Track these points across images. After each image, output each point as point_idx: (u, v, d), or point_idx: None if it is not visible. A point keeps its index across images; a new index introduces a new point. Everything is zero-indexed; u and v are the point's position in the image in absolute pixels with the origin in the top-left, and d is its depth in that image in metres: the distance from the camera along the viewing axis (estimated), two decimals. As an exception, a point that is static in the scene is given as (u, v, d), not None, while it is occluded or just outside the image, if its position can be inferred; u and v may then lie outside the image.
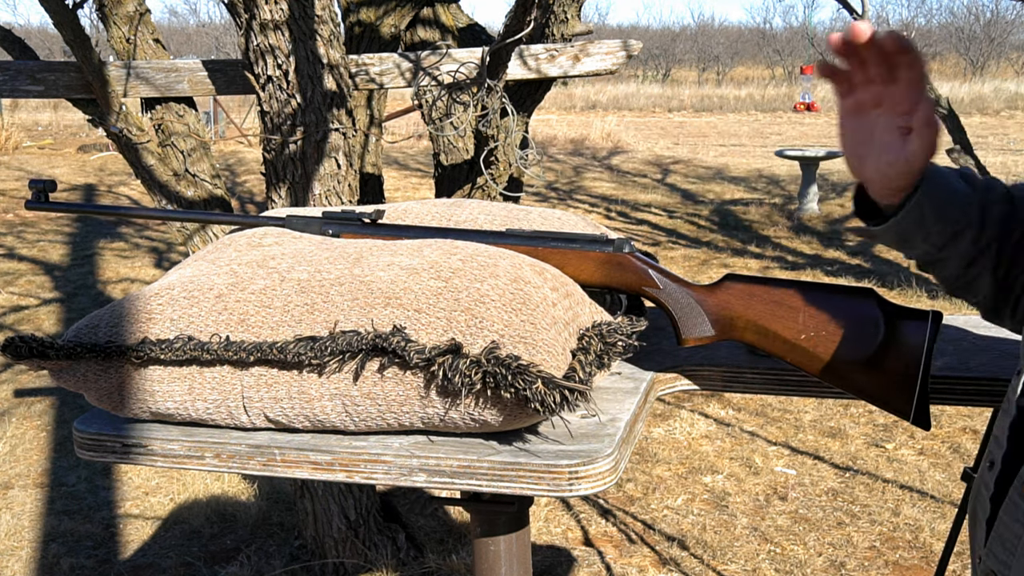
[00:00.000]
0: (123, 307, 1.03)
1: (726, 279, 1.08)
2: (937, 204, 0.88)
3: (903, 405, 1.01)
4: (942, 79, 23.30)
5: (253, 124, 13.63)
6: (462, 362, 0.89)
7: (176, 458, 1.01)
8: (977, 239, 0.90)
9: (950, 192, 0.89)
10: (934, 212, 0.88)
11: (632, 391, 1.08)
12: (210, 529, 3.11)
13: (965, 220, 0.90)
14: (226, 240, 1.17)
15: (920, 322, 1.00)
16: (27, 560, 2.94)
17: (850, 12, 4.16)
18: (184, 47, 29.75)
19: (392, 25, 2.99)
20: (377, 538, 2.76)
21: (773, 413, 4.01)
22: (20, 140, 12.98)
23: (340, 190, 2.33)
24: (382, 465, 0.94)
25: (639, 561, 2.84)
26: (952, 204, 0.89)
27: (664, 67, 32.43)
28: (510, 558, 1.08)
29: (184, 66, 2.59)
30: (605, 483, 0.90)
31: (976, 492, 0.83)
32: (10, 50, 2.67)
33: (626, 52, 2.60)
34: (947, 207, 0.89)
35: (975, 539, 0.83)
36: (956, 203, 0.90)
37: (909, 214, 0.89)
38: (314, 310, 0.97)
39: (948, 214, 0.89)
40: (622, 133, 14.46)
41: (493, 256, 1.01)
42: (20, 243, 7.46)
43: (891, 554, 2.86)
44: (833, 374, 1.03)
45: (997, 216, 0.90)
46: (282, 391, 0.96)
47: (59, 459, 3.67)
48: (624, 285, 1.09)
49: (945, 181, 0.89)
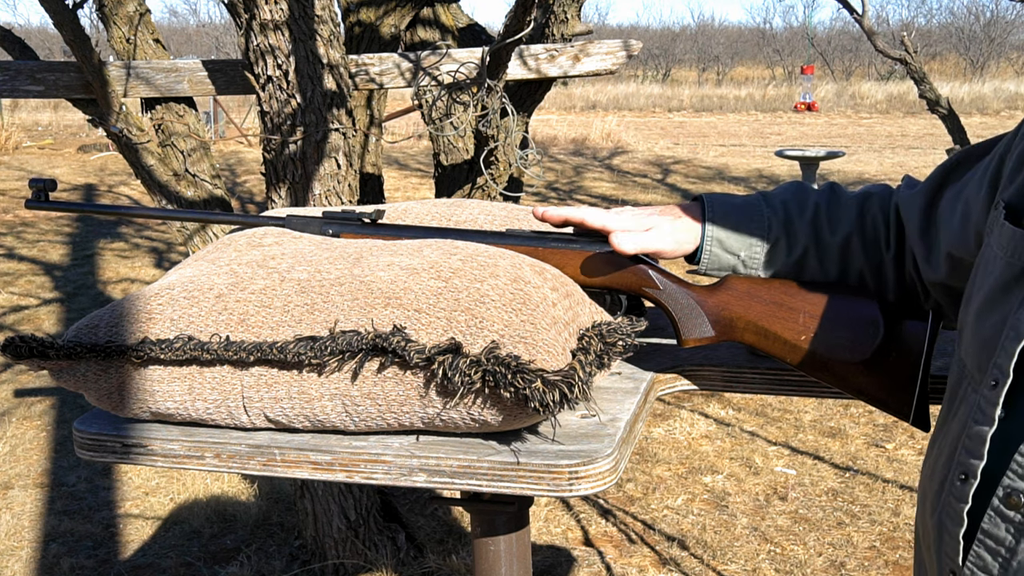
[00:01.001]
0: (123, 307, 1.03)
1: (726, 280, 1.08)
2: (731, 233, 1.07)
3: (903, 406, 1.01)
4: (942, 79, 23.30)
5: (253, 124, 13.62)
6: (462, 361, 0.89)
7: (176, 458, 1.01)
8: (790, 251, 1.06)
9: (739, 219, 1.07)
10: (734, 241, 1.07)
11: (632, 391, 1.08)
12: (210, 529, 3.11)
13: (770, 236, 1.07)
14: (226, 240, 1.17)
15: (920, 323, 1.00)
16: (27, 560, 2.94)
17: (850, 12, 4.16)
18: (184, 47, 29.74)
19: (392, 25, 2.99)
20: (377, 538, 2.76)
21: (773, 413, 4.01)
22: (20, 140, 12.98)
23: (340, 190, 2.33)
24: (382, 465, 0.94)
25: (639, 561, 2.84)
26: (746, 227, 1.07)
27: (664, 67, 32.43)
28: (510, 558, 1.08)
29: (184, 66, 2.59)
30: (605, 483, 0.90)
31: (942, 507, 0.81)
32: (10, 50, 2.67)
33: (626, 52, 2.60)
34: (741, 231, 1.07)
35: (943, 556, 0.80)
36: (752, 225, 1.07)
37: (710, 249, 1.08)
38: (314, 310, 0.97)
39: (750, 239, 1.07)
40: (622, 133, 14.46)
41: (493, 256, 1.01)
42: (20, 243, 7.46)
43: (891, 554, 2.86)
44: (833, 375, 1.03)
45: (813, 222, 1.07)
46: (282, 391, 0.96)
47: (59, 459, 3.67)
48: (624, 286, 1.09)
49: (733, 214, 1.08)
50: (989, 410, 0.77)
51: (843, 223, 1.06)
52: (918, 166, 11.41)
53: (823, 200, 1.08)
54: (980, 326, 0.81)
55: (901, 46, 4.14)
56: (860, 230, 1.06)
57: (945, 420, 0.87)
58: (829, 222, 1.07)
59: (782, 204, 1.08)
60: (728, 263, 1.09)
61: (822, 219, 1.07)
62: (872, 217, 1.06)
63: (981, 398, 0.78)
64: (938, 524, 0.81)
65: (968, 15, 31.96)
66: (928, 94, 4.03)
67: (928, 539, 0.85)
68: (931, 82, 3.98)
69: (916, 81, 4.09)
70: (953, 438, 0.81)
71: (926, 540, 0.86)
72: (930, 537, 0.83)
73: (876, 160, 12.11)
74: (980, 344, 0.80)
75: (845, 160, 11.06)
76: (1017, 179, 0.83)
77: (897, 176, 10.22)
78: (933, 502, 0.83)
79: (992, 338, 0.78)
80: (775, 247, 1.07)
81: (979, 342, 0.80)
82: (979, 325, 0.81)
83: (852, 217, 1.06)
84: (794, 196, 1.09)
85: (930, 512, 0.84)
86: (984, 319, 0.80)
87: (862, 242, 1.06)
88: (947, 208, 0.97)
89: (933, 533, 0.82)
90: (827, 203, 1.08)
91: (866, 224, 1.06)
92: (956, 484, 0.79)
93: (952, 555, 0.79)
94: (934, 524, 0.82)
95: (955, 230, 0.94)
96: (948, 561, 0.79)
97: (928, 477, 0.86)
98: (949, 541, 0.79)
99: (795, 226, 1.07)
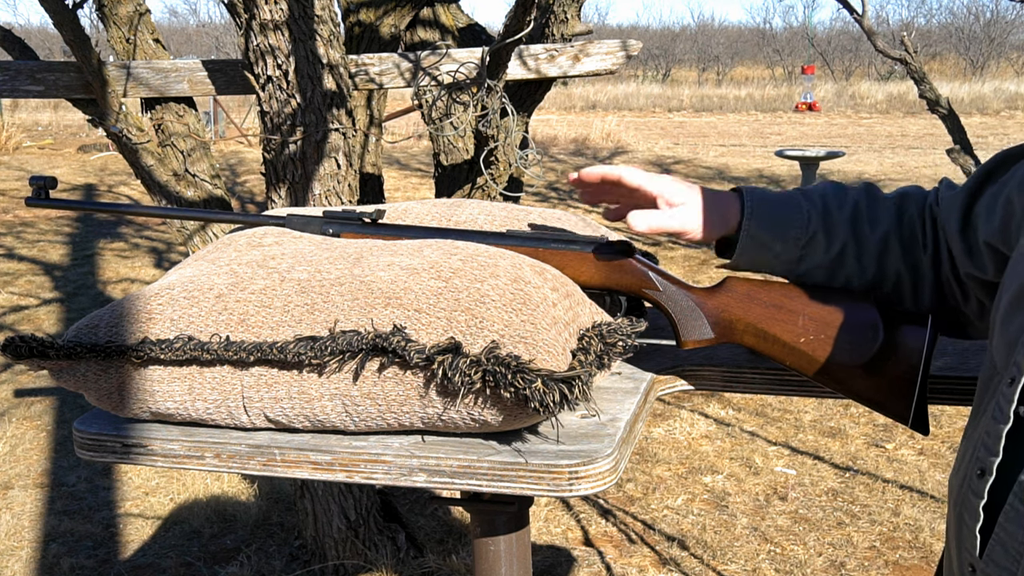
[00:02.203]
0: (123, 307, 1.03)
1: (726, 282, 1.08)
2: (769, 227, 1.04)
3: (902, 410, 1.01)
4: (942, 79, 23.30)
5: (253, 124, 13.62)
6: (462, 361, 0.89)
7: (176, 458, 1.01)
8: (828, 248, 1.04)
9: (781, 214, 1.04)
10: (771, 235, 1.04)
11: (632, 391, 1.08)
12: (210, 529, 3.11)
13: (808, 230, 1.04)
14: (226, 240, 1.17)
15: (919, 326, 1.00)
16: (27, 560, 2.94)
17: (850, 12, 4.16)
18: (184, 47, 29.73)
19: (392, 25, 2.99)
20: (377, 538, 2.76)
21: (773, 413, 4.01)
22: (20, 140, 12.96)
23: (340, 190, 2.33)
24: (382, 465, 0.94)
25: (639, 561, 2.84)
26: (786, 224, 1.04)
27: (664, 67, 32.42)
28: (510, 558, 1.08)
29: (184, 66, 2.59)
30: (605, 483, 0.90)
31: (961, 501, 0.82)
32: (10, 50, 2.67)
33: (626, 52, 2.60)
34: (782, 227, 1.04)
35: (962, 549, 0.82)
36: (791, 222, 1.04)
37: (746, 243, 1.05)
38: (314, 310, 0.97)
39: (787, 233, 1.04)
40: (622, 133, 14.46)
41: (493, 256, 1.01)
42: (20, 243, 7.46)
43: (891, 554, 2.86)
44: (832, 378, 1.03)
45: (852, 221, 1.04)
46: (282, 391, 0.96)
47: (59, 459, 3.67)
48: (624, 287, 1.09)
49: (772, 207, 1.05)
50: (1006, 407, 0.77)
51: (882, 221, 1.05)
52: (918, 166, 11.41)
53: (862, 197, 1.06)
54: (1007, 325, 0.81)
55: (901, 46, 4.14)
56: (898, 229, 1.04)
57: (975, 416, 0.88)
58: (869, 220, 1.05)
59: (821, 199, 1.06)
60: (763, 259, 1.06)
61: (862, 216, 1.05)
62: (910, 216, 1.05)
63: (1000, 395, 0.79)
64: (958, 518, 0.83)
65: (968, 15, 31.96)
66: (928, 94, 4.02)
67: (951, 531, 0.86)
68: (931, 82, 3.98)
69: (916, 81, 4.09)
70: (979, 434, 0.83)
71: (949, 532, 0.87)
72: (953, 528, 0.85)
73: (876, 160, 12.11)
74: (1007, 343, 0.81)
75: (845, 160, 11.06)
76: None
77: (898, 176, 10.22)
78: (956, 496, 0.84)
79: (1016, 337, 0.79)
80: (812, 242, 1.04)
81: (1006, 341, 0.81)
82: (1006, 324, 0.82)
83: (891, 215, 1.05)
84: (833, 192, 1.07)
85: (953, 505, 0.85)
86: (1011, 318, 0.81)
87: (900, 241, 1.04)
88: (986, 206, 0.96)
89: (955, 526, 0.84)
90: (867, 200, 1.06)
91: (903, 223, 1.05)
92: (973, 479, 0.80)
93: (970, 548, 0.80)
94: (955, 517, 0.84)
95: (995, 227, 0.93)
96: (967, 555, 0.81)
97: (955, 472, 0.87)
98: (967, 535, 0.80)
99: (834, 221, 1.04)
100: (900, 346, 1.00)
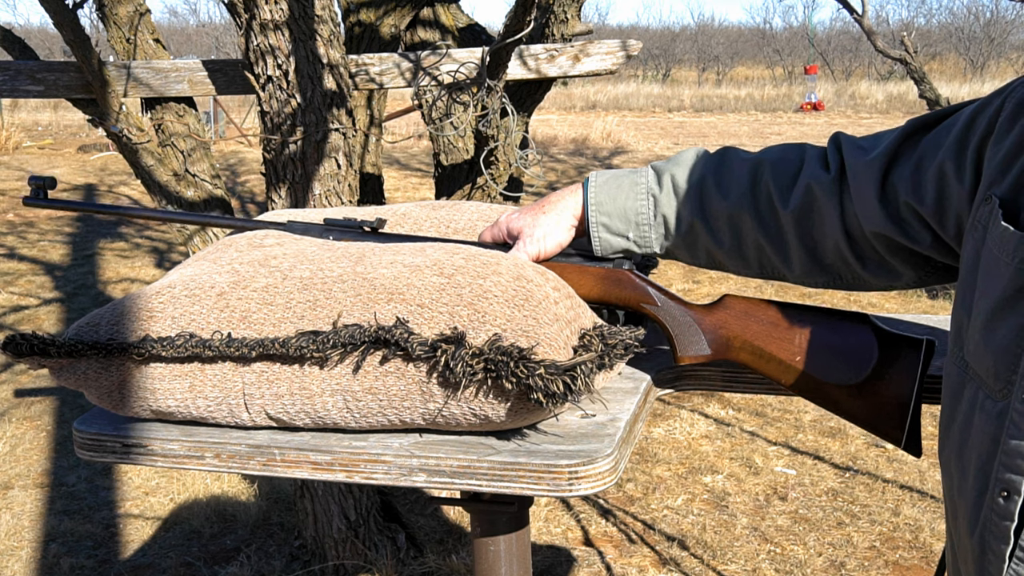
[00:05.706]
0: (124, 305, 1.03)
1: (724, 299, 1.09)
2: (613, 213, 1.09)
3: (894, 431, 1.02)
4: (942, 79, 23.29)
5: (253, 124, 13.62)
6: (464, 351, 0.89)
7: (176, 458, 1.01)
8: (678, 227, 1.08)
9: (618, 195, 1.09)
10: (615, 220, 1.09)
11: (632, 391, 1.08)
12: (210, 529, 3.11)
13: (654, 221, 1.08)
14: (227, 241, 1.17)
15: (914, 349, 1.00)
16: (27, 560, 2.94)
17: (850, 12, 4.17)
18: (184, 47, 29.73)
19: (392, 25, 2.99)
20: (377, 538, 2.76)
21: (773, 413, 4.01)
22: (20, 140, 12.97)
23: (340, 190, 2.33)
24: (382, 465, 0.94)
25: (639, 561, 2.84)
26: (628, 205, 1.08)
27: (664, 67, 32.43)
28: (510, 558, 1.08)
29: (184, 66, 2.59)
30: (605, 483, 0.90)
31: (982, 525, 0.78)
32: (10, 50, 2.67)
33: (626, 52, 2.60)
34: (624, 221, 1.09)
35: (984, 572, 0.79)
36: (634, 202, 1.08)
37: (597, 233, 1.10)
38: (316, 306, 0.97)
39: (630, 214, 1.08)
40: (622, 133, 14.46)
41: (495, 256, 1.01)
42: (20, 243, 7.46)
43: (891, 554, 2.86)
44: (825, 397, 1.04)
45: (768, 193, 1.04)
46: (283, 387, 0.96)
47: (59, 459, 3.67)
48: (622, 301, 1.10)
49: (610, 187, 1.10)
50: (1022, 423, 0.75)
51: (732, 192, 1.05)
52: (918, 166, 11.37)
53: (710, 170, 1.07)
54: (991, 332, 0.79)
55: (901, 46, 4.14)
56: (752, 198, 1.04)
57: (950, 424, 0.86)
58: (718, 191, 1.05)
59: (671, 178, 1.09)
60: (619, 245, 1.10)
61: (710, 190, 1.06)
62: (765, 183, 1.04)
63: (1014, 411, 0.76)
64: (980, 542, 0.79)
65: (968, 15, 31.98)
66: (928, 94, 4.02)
67: (966, 554, 0.82)
68: (931, 82, 3.98)
69: (916, 81, 4.09)
70: (983, 451, 0.79)
71: (963, 554, 0.83)
72: (971, 554, 0.81)
73: (876, 160, 12.08)
74: (995, 352, 0.78)
75: (845, 160, 11.03)
76: (1010, 173, 0.82)
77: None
78: (970, 518, 0.80)
79: (1011, 347, 0.76)
80: (659, 226, 1.08)
81: (994, 349, 0.78)
82: (990, 331, 0.79)
83: (744, 185, 1.04)
84: (688, 166, 1.09)
85: (967, 529, 0.81)
86: (996, 325, 0.79)
87: (755, 210, 1.04)
88: (909, 174, 0.94)
89: (976, 550, 0.80)
90: (715, 174, 1.06)
91: (758, 193, 1.04)
92: (999, 502, 0.76)
93: (997, 573, 0.77)
94: (976, 542, 0.80)
95: (930, 206, 0.92)
96: None
97: (957, 490, 0.83)
98: (994, 560, 0.77)
99: (681, 200, 1.07)
100: (894, 369, 1.01)
